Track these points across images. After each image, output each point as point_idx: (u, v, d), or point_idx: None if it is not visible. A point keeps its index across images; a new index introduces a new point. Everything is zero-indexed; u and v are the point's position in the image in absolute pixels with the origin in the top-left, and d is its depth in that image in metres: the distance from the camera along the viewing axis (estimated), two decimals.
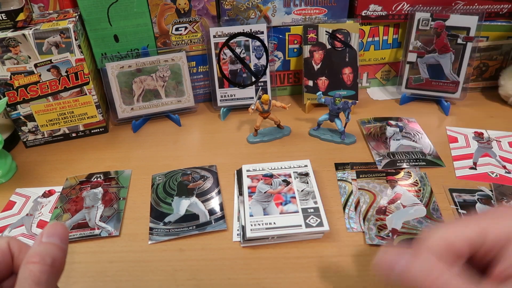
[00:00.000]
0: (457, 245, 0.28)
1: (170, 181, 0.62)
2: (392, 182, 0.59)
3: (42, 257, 0.29)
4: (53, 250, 0.30)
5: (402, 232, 0.51)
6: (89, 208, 0.58)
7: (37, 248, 0.30)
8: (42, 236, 0.31)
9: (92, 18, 0.71)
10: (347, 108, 0.67)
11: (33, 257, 0.29)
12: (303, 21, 0.78)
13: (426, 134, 0.70)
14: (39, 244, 0.30)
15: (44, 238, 0.31)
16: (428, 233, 0.30)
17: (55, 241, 0.31)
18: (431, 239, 0.29)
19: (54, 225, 0.32)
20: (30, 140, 0.72)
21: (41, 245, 0.30)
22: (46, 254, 0.29)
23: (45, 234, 0.31)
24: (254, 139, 0.70)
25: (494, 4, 0.76)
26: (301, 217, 0.51)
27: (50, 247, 0.30)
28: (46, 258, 0.29)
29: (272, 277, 0.47)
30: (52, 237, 0.31)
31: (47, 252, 0.30)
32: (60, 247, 0.31)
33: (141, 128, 0.77)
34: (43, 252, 0.30)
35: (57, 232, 0.32)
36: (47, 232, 0.31)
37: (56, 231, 0.32)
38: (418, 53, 0.77)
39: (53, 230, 0.31)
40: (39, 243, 0.30)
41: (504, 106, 0.78)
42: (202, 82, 0.82)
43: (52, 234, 0.31)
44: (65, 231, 0.32)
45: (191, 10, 0.74)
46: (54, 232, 0.31)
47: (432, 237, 0.29)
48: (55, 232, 0.31)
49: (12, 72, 0.65)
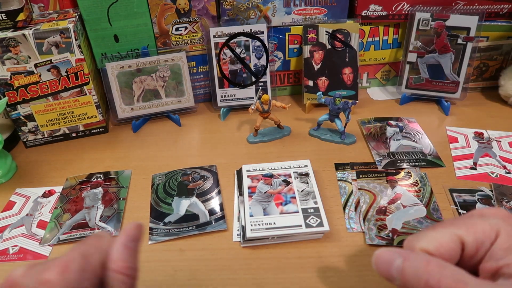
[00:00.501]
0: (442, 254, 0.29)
1: (170, 181, 0.62)
2: (392, 182, 0.59)
3: (133, 269, 0.29)
4: (136, 259, 0.30)
5: (402, 232, 0.51)
6: (89, 208, 0.58)
7: (125, 255, 0.29)
8: (127, 238, 0.30)
9: (92, 18, 0.71)
10: (347, 108, 0.67)
11: (125, 268, 0.28)
12: (303, 21, 0.78)
13: (426, 134, 0.70)
14: (125, 249, 0.29)
15: (129, 242, 0.30)
16: (410, 243, 0.30)
17: (137, 247, 0.30)
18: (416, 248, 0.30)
19: (139, 228, 0.31)
20: (30, 140, 0.72)
21: (127, 251, 0.29)
22: (134, 267, 0.29)
23: (131, 237, 0.30)
24: (254, 139, 0.70)
25: (494, 4, 0.76)
26: (301, 217, 0.51)
27: (135, 255, 0.30)
28: (135, 271, 0.29)
29: (272, 277, 0.47)
30: (135, 242, 0.30)
31: (134, 264, 0.29)
32: (138, 253, 0.30)
33: (141, 128, 0.77)
34: (132, 263, 0.29)
35: (139, 236, 0.31)
36: (132, 236, 0.30)
37: (139, 235, 0.31)
38: (418, 53, 0.77)
39: (137, 233, 0.30)
40: (125, 248, 0.29)
41: (504, 106, 0.78)
42: (202, 82, 0.82)
43: (135, 239, 0.30)
44: (142, 235, 0.31)
45: (191, 10, 0.74)
46: (137, 236, 0.30)
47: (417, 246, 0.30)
48: (138, 236, 0.30)
49: (12, 72, 0.65)
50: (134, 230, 0.30)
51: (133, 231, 0.30)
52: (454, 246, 0.29)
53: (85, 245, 0.29)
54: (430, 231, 0.30)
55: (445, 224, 0.31)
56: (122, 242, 0.30)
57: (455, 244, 0.29)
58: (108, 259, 0.29)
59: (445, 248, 0.29)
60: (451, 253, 0.29)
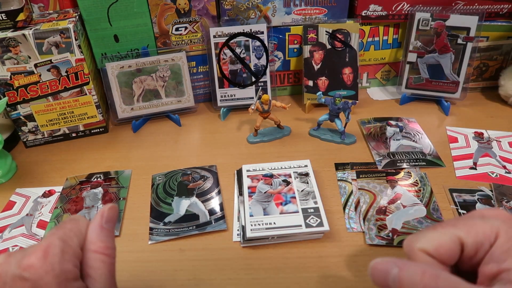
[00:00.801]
0: (441, 255, 0.29)
1: (170, 181, 0.62)
2: (392, 182, 0.59)
3: (111, 248, 0.30)
4: (113, 238, 0.31)
5: (402, 232, 0.51)
6: (89, 208, 0.58)
7: (102, 236, 0.30)
8: (103, 219, 0.31)
9: (92, 18, 0.71)
10: (347, 108, 0.67)
11: (103, 248, 0.29)
12: (303, 21, 0.78)
13: (426, 134, 0.70)
14: (101, 230, 0.30)
15: (105, 223, 0.31)
16: (410, 242, 0.30)
17: (113, 228, 0.31)
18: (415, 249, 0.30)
19: (114, 209, 0.32)
20: (30, 140, 0.72)
21: (103, 232, 0.30)
22: (112, 246, 0.30)
23: (106, 218, 0.31)
24: (254, 139, 0.70)
25: (494, 4, 0.76)
26: (301, 217, 0.51)
27: (111, 235, 0.31)
28: (113, 251, 0.30)
29: (272, 277, 0.47)
30: (111, 223, 0.31)
31: (112, 243, 0.30)
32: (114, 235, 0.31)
33: (141, 128, 0.77)
34: (110, 243, 0.30)
35: (115, 218, 0.32)
36: (107, 217, 0.31)
37: (114, 217, 0.32)
38: (418, 53, 0.77)
39: (112, 215, 0.31)
40: (101, 229, 0.30)
41: (504, 106, 0.78)
42: (202, 82, 0.82)
43: (111, 220, 0.31)
44: (117, 216, 0.32)
45: (191, 10, 0.74)
46: (113, 217, 0.31)
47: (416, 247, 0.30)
48: (113, 217, 0.32)
49: (12, 72, 0.65)
50: (108, 211, 0.31)
51: (107, 212, 0.31)
52: (454, 246, 0.29)
53: (62, 229, 0.29)
54: (430, 232, 0.30)
55: (445, 224, 0.31)
56: (98, 224, 0.31)
57: (455, 245, 0.29)
58: (86, 241, 0.30)
59: (445, 249, 0.29)
60: (450, 253, 0.29)
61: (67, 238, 0.29)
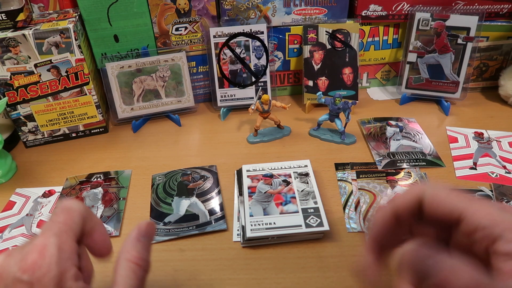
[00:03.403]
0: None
1: (170, 181, 0.62)
2: (392, 182, 0.59)
3: (145, 260, 0.30)
4: (149, 253, 0.31)
5: None
6: (89, 208, 0.58)
7: (138, 247, 0.30)
8: (140, 234, 0.31)
9: (92, 18, 0.71)
10: (347, 108, 0.67)
11: (137, 258, 0.29)
12: (303, 21, 0.78)
13: (426, 134, 0.70)
14: (138, 242, 0.30)
15: (142, 237, 0.31)
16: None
17: (149, 243, 0.31)
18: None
19: (151, 225, 0.32)
20: (30, 140, 0.72)
21: (140, 244, 0.30)
22: (146, 258, 0.30)
23: (143, 232, 0.31)
24: (254, 139, 0.70)
25: (494, 4, 0.76)
26: (301, 217, 0.51)
27: (147, 249, 0.31)
28: (147, 264, 0.30)
29: (272, 277, 0.47)
30: (147, 237, 0.31)
31: (147, 256, 0.30)
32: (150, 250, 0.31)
33: (141, 128, 0.77)
34: (144, 255, 0.30)
35: (151, 233, 0.32)
36: (144, 231, 0.31)
37: (151, 232, 0.32)
38: (418, 53, 0.77)
39: (149, 230, 0.31)
40: (138, 241, 0.30)
41: (504, 106, 0.78)
42: (202, 82, 0.82)
43: (147, 235, 0.31)
44: (154, 233, 0.32)
45: (191, 10, 0.74)
46: (149, 232, 0.31)
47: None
48: (150, 233, 0.32)
49: (12, 72, 0.65)
50: (146, 227, 0.32)
51: (145, 227, 0.31)
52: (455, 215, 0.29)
53: (57, 224, 0.29)
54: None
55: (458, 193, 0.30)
56: (135, 236, 0.31)
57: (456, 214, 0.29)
58: (121, 249, 0.30)
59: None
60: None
61: (63, 234, 0.28)
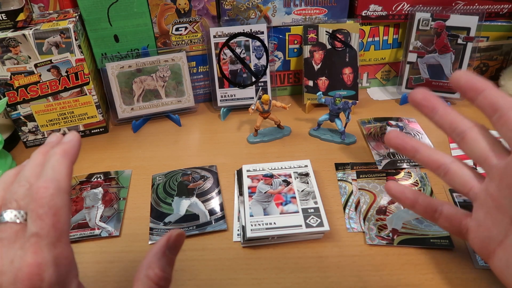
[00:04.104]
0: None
1: (170, 181, 0.62)
2: None
3: (167, 280, 0.29)
4: (172, 268, 0.29)
5: (403, 232, 0.51)
6: (89, 208, 0.58)
7: (163, 262, 0.29)
8: (167, 246, 0.29)
9: (92, 18, 0.71)
10: (347, 108, 0.67)
11: (159, 278, 0.28)
12: (303, 21, 0.78)
13: (426, 134, 0.70)
14: (163, 256, 0.29)
15: (169, 250, 0.29)
16: None
17: (175, 257, 0.30)
18: None
19: (181, 236, 0.30)
20: (30, 140, 0.72)
21: (165, 258, 0.29)
22: (168, 278, 0.29)
23: (171, 245, 0.30)
24: (254, 139, 0.70)
25: (494, 4, 0.76)
26: (301, 217, 0.51)
27: (172, 264, 0.29)
28: (168, 283, 0.29)
29: (272, 277, 0.47)
30: (175, 251, 0.30)
31: (169, 275, 0.29)
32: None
33: (141, 128, 0.77)
34: (167, 274, 0.29)
35: (179, 245, 0.30)
36: (173, 243, 0.30)
37: (179, 244, 0.30)
38: (418, 53, 0.77)
39: (178, 242, 0.30)
40: (164, 255, 0.29)
41: None
42: (202, 82, 0.82)
43: (175, 248, 0.30)
44: (182, 245, 0.31)
45: (191, 10, 0.74)
46: (178, 245, 0.30)
47: None
48: (178, 245, 0.30)
49: (12, 72, 0.65)
50: (176, 237, 0.30)
51: (174, 238, 0.30)
52: None
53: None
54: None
55: None
56: (162, 248, 0.29)
57: None
58: (145, 260, 0.29)
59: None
60: None
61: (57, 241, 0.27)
